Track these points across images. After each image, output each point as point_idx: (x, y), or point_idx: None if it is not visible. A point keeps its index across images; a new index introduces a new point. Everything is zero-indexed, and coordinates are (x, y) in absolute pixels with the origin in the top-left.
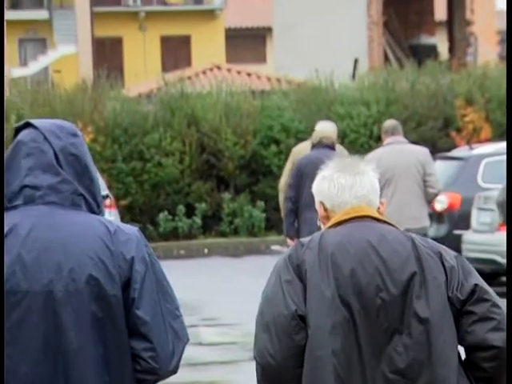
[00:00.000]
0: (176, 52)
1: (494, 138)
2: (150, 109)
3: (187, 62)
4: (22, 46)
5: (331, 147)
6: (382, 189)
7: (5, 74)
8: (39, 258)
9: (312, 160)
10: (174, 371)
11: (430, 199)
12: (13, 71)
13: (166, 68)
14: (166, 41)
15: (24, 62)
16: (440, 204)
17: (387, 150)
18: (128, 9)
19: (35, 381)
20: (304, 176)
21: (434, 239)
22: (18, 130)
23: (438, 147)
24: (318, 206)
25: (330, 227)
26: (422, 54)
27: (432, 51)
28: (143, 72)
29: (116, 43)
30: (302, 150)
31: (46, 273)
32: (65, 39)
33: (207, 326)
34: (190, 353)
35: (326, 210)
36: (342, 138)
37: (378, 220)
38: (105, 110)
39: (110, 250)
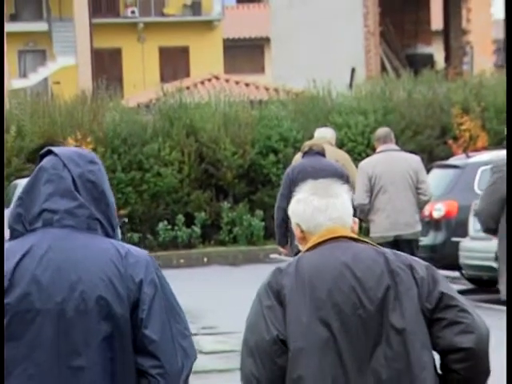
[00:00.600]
0: (174, 62)
1: (491, 147)
2: (149, 119)
3: (185, 73)
4: (21, 57)
5: (321, 154)
6: (376, 195)
7: (5, 86)
8: (53, 278)
9: (304, 168)
10: None
11: (421, 206)
12: (13, 83)
13: (164, 78)
14: (164, 51)
15: (24, 74)
16: (437, 212)
17: (381, 157)
18: (126, 20)
19: None
20: (296, 182)
21: (432, 247)
22: (41, 157)
23: (435, 155)
24: (294, 227)
25: (307, 250)
26: (419, 64)
27: (428, 60)
28: (142, 83)
29: (115, 54)
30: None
31: (59, 292)
32: (64, 51)
33: (207, 335)
34: None
35: (302, 231)
36: (340, 146)
37: (352, 239)
38: (104, 121)
39: (119, 272)
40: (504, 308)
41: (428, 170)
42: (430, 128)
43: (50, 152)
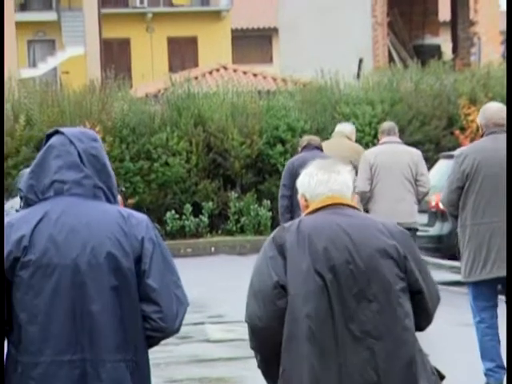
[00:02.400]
0: (183, 53)
1: None
2: (157, 109)
3: (194, 63)
4: (30, 47)
5: (319, 148)
6: (376, 184)
7: (12, 75)
8: (67, 238)
9: (304, 161)
10: (177, 331)
11: (420, 198)
12: (22, 72)
13: (172, 68)
14: (172, 42)
15: (33, 63)
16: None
17: (383, 148)
18: (135, 10)
19: (66, 336)
20: (297, 176)
21: (439, 237)
22: (48, 136)
23: (442, 146)
24: (300, 197)
25: (308, 214)
26: (426, 54)
27: (436, 51)
28: (150, 73)
29: (124, 44)
30: (325, 149)
31: (73, 250)
32: (73, 40)
33: (214, 323)
34: (197, 349)
35: (306, 200)
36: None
37: (349, 206)
38: (112, 111)
39: (124, 232)
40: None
41: (435, 161)
42: (437, 119)
43: (56, 132)
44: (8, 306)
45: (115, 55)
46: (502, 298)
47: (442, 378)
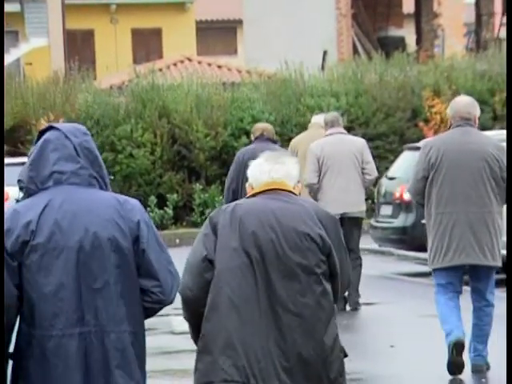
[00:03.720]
0: (147, 44)
1: None
2: (122, 101)
3: (158, 55)
4: None
5: (272, 140)
6: (324, 175)
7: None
8: (71, 222)
9: (253, 154)
10: (172, 302)
11: (367, 185)
12: None
13: (137, 60)
14: (137, 33)
15: None
16: (408, 194)
17: (328, 139)
18: (99, 1)
19: (74, 311)
20: (246, 167)
21: (403, 228)
22: (41, 133)
23: (407, 138)
24: (248, 186)
25: (248, 197)
26: (390, 46)
27: (400, 43)
28: (115, 64)
29: (87, 36)
30: (299, 141)
31: (77, 233)
32: (36, 32)
33: (179, 315)
34: (162, 341)
35: (253, 188)
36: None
37: (287, 191)
38: (76, 102)
39: (121, 215)
40: (468, 288)
41: (399, 153)
42: (402, 110)
43: (50, 128)
44: (19, 286)
45: (79, 47)
46: (466, 289)
47: (345, 355)
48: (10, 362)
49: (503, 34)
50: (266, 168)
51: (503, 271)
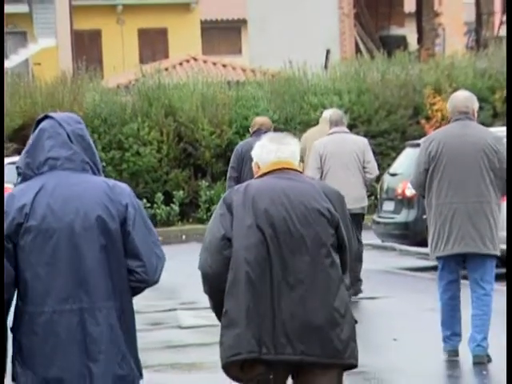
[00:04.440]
0: (153, 44)
1: None
2: (128, 99)
3: (164, 54)
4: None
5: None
6: (326, 172)
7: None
8: (63, 205)
9: (251, 147)
10: (157, 282)
11: (368, 183)
12: None
13: (143, 60)
14: (143, 33)
15: (5, 55)
16: (410, 190)
17: (332, 138)
18: (106, 2)
19: (65, 288)
20: (245, 159)
21: (405, 224)
22: (38, 121)
23: (408, 135)
24: (254, 165)
25: (257, 177)
26: (392, 45)
27: (401, 42)
28: (121, 64)
29: (95, 36)
30: (310, 136)
31: (68, 215)
32: (45, 32)
33: (186, 310)
34: (169, 336)
35: (259, 167)
36: (315, 126)
37: (294, 170)
38: (84, 101)
39: (110, 199)
40: (467, 282)
41: (401, 149)
42: (403, 108)
43: (46, 117)
44: (14, 266)
45: (86, 47)
46: (465, 283)
47: (355, 321)
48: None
49: (503, 32)
50: (272, 148)
51: (502, 265)
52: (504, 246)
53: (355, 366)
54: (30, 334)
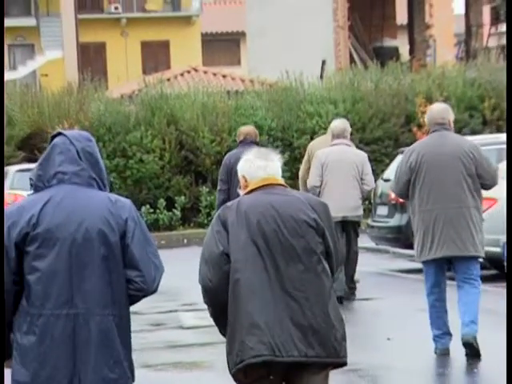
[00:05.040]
0: (156, 56)
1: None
2: (132, 109)
3: (166, 65)
4: (11, 51)
5: (255, 142)
6: (327, 180)
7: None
8: (67, 217)
9: (239, 158)
10: (155, 291)
11: (365, 194)
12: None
13: (146, 71)
14: (146, 45)
15: (13, 66)
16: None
17: (334, 149)
18: (110, 16)
19: (63, 294)
20: (233, 170)
21: (398, 228)
22: (52, 137)
23: (401, 142)
24: (240, 177)
25: (247, 193)
26: (385, 56)
27: (394, 53)
28: (125, 75)
29: (99, 48)
30: (316, 144)
31: (72, 226)
32: (51, 45)
33: (187, 311)
34: (171, 336)
35: (246, 180)
36: (311, 134)
37: (281, 185)
38: (89, 111)
39: (111, 213)
40: (454, 283)
41: (394, 156)
42: (396, 116)
43: (59, 134)
44: (21, 271)
45: (91, 58)
46: (451, 284)
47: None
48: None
49: (491, 43)
50: (260, 164)
51: (492, 267)
52: (489, 249)
53: (346, 364)
54: (28, 334)
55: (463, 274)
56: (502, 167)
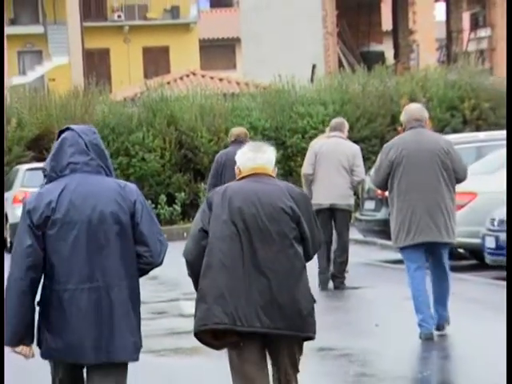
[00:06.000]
0: (156, 61)
1: (435, 132)
2: (134, 111)
3: (166, 70)
4: (20, 57)
5: (245, 142)
6: (318, 169)
7: (5, 83)
8: (83, 202)
9: (229, 156)
10: (161, 263)
11: (355, 185)
12: (13, 80)
13: (147, 75)
14: (147, 51)
15: (23, 72)
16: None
17: (328, 141)
18: (114, 23)
19: (84, 270)
20: (223, 167)
21: (384, 221)
22: (60, 132)
23: (386, 140)
24: (236, 169)
25: (238, 180)
26: (372, 60)
27: (380, 57)
28: (128, 79)
29: (104, 54)
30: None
31: (87, 210)
32: (58, 51)
33: (187, 300)
34: (172, 323)
35: (240, 171)
36: (303, 134)
37: (267, 175)
38: (94, 113)
39: (122, 196)
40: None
41: None
42: (382, 116)
43: (67, 129)
44: (43, 249)
45: (96, 64)
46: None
47: (314, 301)
48: (37, 309)
49: (471, 47)
50: (251, 156)
51: (473, 257)
52: (470, 240)
53: (313, 339)
54: (57, 308)
55: (436, 259)
56: (481, 164)
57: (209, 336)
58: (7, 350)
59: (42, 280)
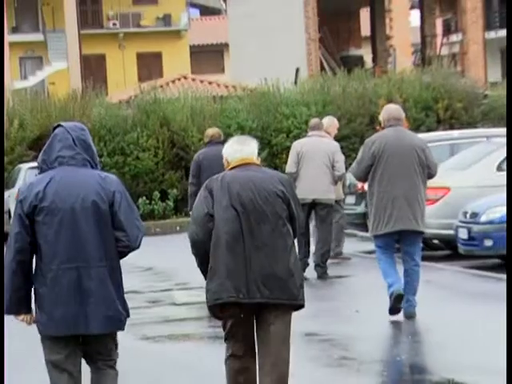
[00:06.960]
0: (149, 65)
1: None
2: (129, 113)
3: (159, 74)
4: (22, 63)
5: (220, 142)
6: (301, 167)
7: (7, 87)
8: (67, 191)
9: (206, 155)
10: (138, 247)
11: (336, 179)
12: (15, 84)
13: (141, 79)
14: (141, 56)
15: (24, 76)
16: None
17: (309, 139)
18: (109, 31)
19: (67, 252)
20: (202, 167)
21: (364, 214)
22: (54, 128)
23: (366, 139)
24: (224, 160)
25: (229, 170)
26: (351, 64)
27: (359, 61)
28: (123, 82)
29: (100, 59)
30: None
31: (71, 199)
32: (57, 57)
33: (180, 290)
34: (166, 311)
35: (228, 162)
36: (287, 133)
37: (255, 164)
38: (92, 115)
39: (102, 187)
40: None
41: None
42: (361, 116)
43: (58, 125)
44: (34, 235)
45: (93, 68)
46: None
47: (305, 278)
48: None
49: (443, 51)
50: (239, 148)
51: (447, 248)
52: (444, 232)
53: (303, 306)
54: (42, 285)
55: (410, 248)
56: (455, 160)
57: (217, 309)
58: (9, 317)
59: (34, 260)
